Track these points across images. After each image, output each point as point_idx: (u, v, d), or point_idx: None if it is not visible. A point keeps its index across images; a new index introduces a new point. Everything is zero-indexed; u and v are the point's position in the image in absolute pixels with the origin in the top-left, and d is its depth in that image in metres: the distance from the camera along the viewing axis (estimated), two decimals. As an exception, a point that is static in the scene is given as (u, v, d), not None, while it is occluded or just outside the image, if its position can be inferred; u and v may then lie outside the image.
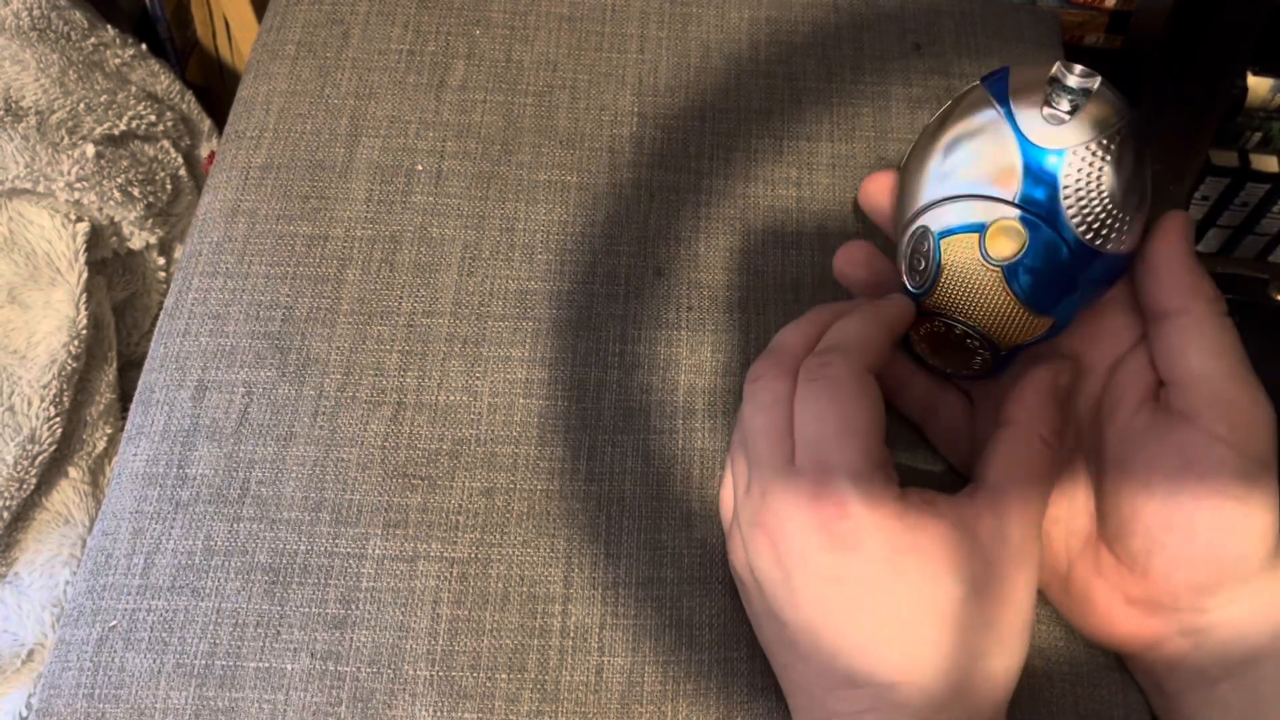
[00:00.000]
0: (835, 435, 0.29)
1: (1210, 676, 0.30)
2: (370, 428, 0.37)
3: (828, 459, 0.29)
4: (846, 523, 0.28)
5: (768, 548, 0.30)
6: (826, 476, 0.28)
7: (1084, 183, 0.29)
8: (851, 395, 0.29)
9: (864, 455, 0.29)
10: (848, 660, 0.28)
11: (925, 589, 0.28)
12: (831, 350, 0.31)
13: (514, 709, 0.33)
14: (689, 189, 0.43)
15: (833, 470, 0.28)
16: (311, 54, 0.46)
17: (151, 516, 0.35)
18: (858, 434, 0.29)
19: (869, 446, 0.29)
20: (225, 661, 0.33)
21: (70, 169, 0.45)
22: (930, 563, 0.28)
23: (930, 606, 0.28)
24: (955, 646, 0.28)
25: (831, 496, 0.28)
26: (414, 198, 0.42)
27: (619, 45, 0.47)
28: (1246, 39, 0.52)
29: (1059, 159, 0.29)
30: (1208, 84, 0.53)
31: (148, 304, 0.51)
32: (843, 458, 0.29)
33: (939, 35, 0.48)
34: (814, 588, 0.29)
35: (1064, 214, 0.29)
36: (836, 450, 0.29)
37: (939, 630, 0.28)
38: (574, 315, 0.40)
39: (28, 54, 0.47)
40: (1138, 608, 0.31)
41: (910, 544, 0.28)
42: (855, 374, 0.30)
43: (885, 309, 0.32)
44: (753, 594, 0.32)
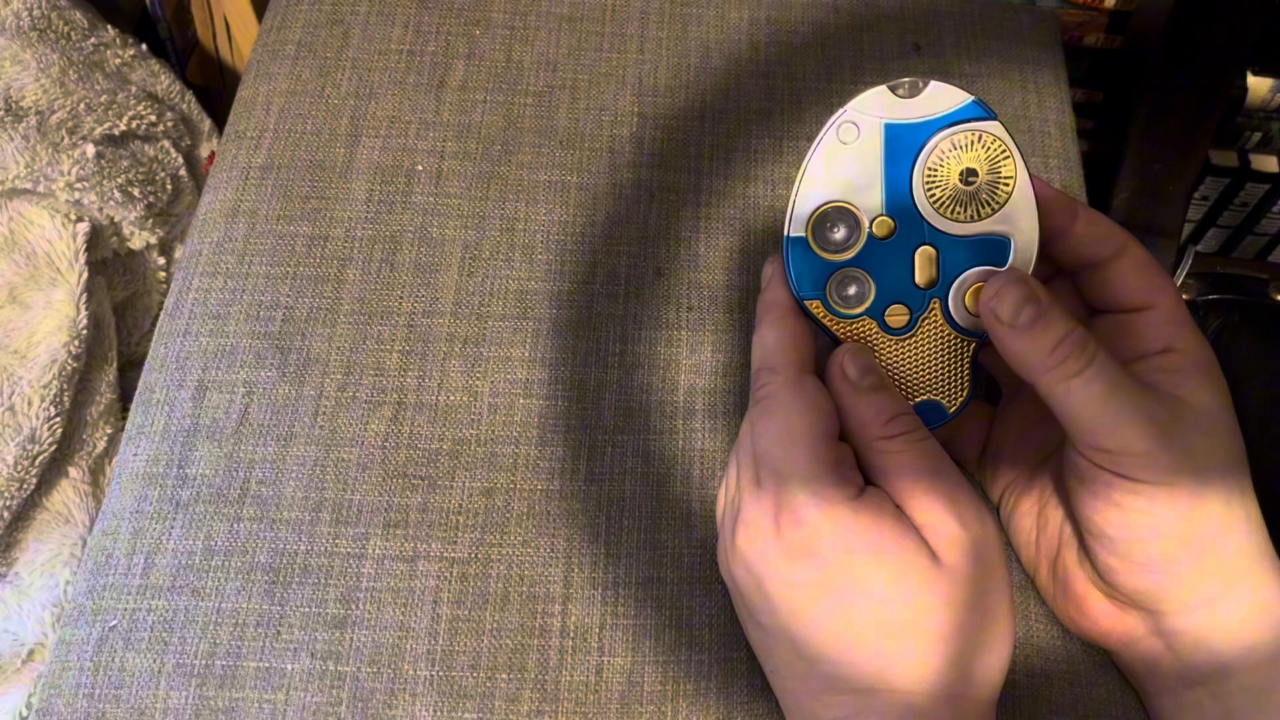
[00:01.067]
0: (780, 448, 0.30)
1: (1185, 680, 0.31)
2: (370, 428, 0.37)
3: (780, 470, 0.30)
4: (802, 529, 0.29)
5: (741, 556, 0.31)
6: (782, 486, 0.29)
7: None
8: (787, 407, 0.30)
9: (812, 460, 0.29)
10: (827, 666, 0.29)
11: (889, 590, 0.28)
12: (760, 371, 0.32)
13: (514, 709, 0.33)
14: (689, 189, 0.43)
15: (785, 479, 0.29)
16: (312, 54, 0.46)
17: (151, 516, 0.35)
18: (799, 441, 0.30)
19: (815, 449, 0.30)
20: (225, 661, 0.33)
21: (70, 169, 0.45)
22: (888, 565, 0.28)
23: (897, 607, 0.28)
24: (931, 646, 0.28)
25: (786, 505, 0.29)
26: (414, 198, 0.42)
27: (619, 45, 0.47)
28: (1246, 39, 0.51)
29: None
30: (1208, 84, 0.53)
31: (148, 304, 0.51)
32: (792, 467, 0.29)
33: (939, 35, 0.48)
34: (783, 594, 0.29)
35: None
36: (785, 461, 0.30)
37: (911, 631, 0.28)
38: (574, 315, 0.40)
39: (28, 54, 0.47)
40: (1113, 602, 0.32)
41: (865, 544, 0.28)
42: (787, 386, 0.31)
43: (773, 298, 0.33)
44: (738, 604, 0.33)
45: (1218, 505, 0.29)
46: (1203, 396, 0.30)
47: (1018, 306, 0.29)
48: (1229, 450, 0.30)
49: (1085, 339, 0.29)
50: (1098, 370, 0.28)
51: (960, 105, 0.31)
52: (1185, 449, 0.28)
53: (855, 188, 0.31)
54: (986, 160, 0.31)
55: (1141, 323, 0.32)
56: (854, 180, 0.31)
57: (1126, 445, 0.28)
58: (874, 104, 0.31)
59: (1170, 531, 0.29)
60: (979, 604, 0.29)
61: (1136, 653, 0.32)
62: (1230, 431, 0.30)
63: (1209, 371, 0.31)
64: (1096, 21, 0.56)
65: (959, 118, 0.31)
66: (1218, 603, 0.29)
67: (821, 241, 0.32)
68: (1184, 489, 0.28)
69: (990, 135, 0.31)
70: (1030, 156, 0.45)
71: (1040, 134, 0.45)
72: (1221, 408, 0.30)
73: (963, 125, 0.31)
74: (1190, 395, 0.30)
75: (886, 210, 0.31)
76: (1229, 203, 0.63)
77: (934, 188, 0.31)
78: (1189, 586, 0.29)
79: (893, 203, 0.31)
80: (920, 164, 0.31)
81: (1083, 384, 0.28)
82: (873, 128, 0.31)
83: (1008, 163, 0.31)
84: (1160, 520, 0.29)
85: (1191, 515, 0.29)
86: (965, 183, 0.31)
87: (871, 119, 0.31)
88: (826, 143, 0.31)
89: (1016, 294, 0.29)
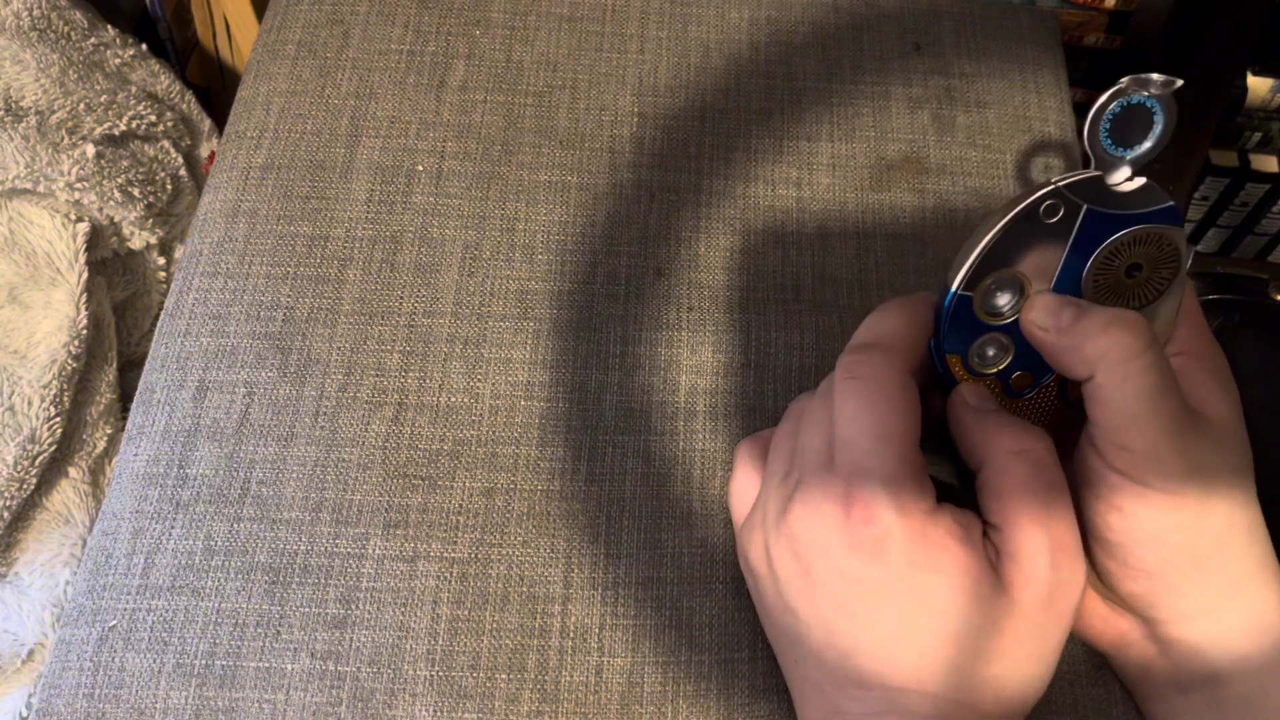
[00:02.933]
0: (872, 439, 0.29)
1: (1177, 686, 0.31)
2: (371, 428, 0.37)
3: (863, 462, 0.28)
4: (874, 529, 0.28)
5: (789, 539, 0.29)
6: (861, 479, 0.28)
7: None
8: (889, 398, 0.29)
9: (900, 462, 0.28)
10: (862, 661, 0.28)
11: (940, 608, 0.28)
12: (872, 347, 0.30)
13: (514, 709, 0.33)
14: (689, 189, 0.43)
15: (867, 474, 0.28)
16: (312, 54, 0.46)
17: (152, 516, 0.35)
18: (895, 439, 0.29)
19: (905, 452, 0.29)
20: (225, 661, 0.33)
21: (70, 169, 0.45)
22: (948, 586, 0.28)
23: (943, 625, 0.28)
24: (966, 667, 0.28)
25: (862, 500, 0.28)
26: (414, 198, 0.42)
27: (619, 45, 0.47)
28: (1246, 39, 0.51)
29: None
30: (1208, 84, 0.53)
31: (148, 304, 0.51)
32: (878, 463, 0.28)
33: (939, 35, 0.48)
34: (832, 585, 0.29)
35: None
36: (873, 455, 0.28)
37: (953, 647, 0.28)
38: (575, 316, 0.40)
39: (28, 54, 0.47)
40: (1106, 605, 0.32)
41: (930, 562, 0.28)
42: (896, 375, 0.29)
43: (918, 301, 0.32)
44: (766, 586, 0.31)
45: (1220, 517, 0.29)
46: (1217, 405, 0.30)
47: (1056, 310, 0.29)
48: (1238, 460, 0.29)
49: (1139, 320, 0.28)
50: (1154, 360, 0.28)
51: (1160, 208, 0.31)
52: (1197, 459, 0.28)
53: (1035, 260, 0.31)
54: (1154, 259, 0.31)
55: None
56: (1037, 253, 0.31)
57: (1148, 447, 0.28)
58: (1082, 186, 0.31)
59: (1171, 540, 0.29)
60: (1032, 645, 0.28)
61: (1129, 657, 0.32)
62: (1240, 440, 0.30)
63: (1221, 377, 0.31)
64: (1096, 21, 0.56)
65: (1155, 219, 0.31)
66: (1214, 612, 0.29)
67: (984, 304, 0.31)
68: (1190, 499, 0.28)
69: (1169, 240, 0.31)
70: (1030, 157, 0.45)
71: (1040, 134, 0.45)
72: (1233, 415, 0.30)
73: (1152, 226, 0.31)
74: (1204, 403, 0.30)
75: (1055, 286, 0.31)
76: (1229, 203, 0.63)
77: (1102, 274, 0.31)
78: (1185, 595, 0.29)
79: (1063, 281, 0.31)
80: (1101, 253, 0.31)
81: (1139, 371, 0.28)
82: (1073, 209, 0.31)
83: (1171, 267, 0.31)
84: (1163, 528, 0.29)
85: (1194, 525, 0.29)
86: (1128, 275, 0.31)
87: (1075, 201, 0.30)
88: (1028, 212, 0.30)
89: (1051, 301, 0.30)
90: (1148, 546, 0.29)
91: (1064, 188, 0.30)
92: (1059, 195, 0.30)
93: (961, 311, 0.31)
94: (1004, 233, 0.30)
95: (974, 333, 0.32)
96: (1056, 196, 0.30)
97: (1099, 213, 0.30)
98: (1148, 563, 0.29)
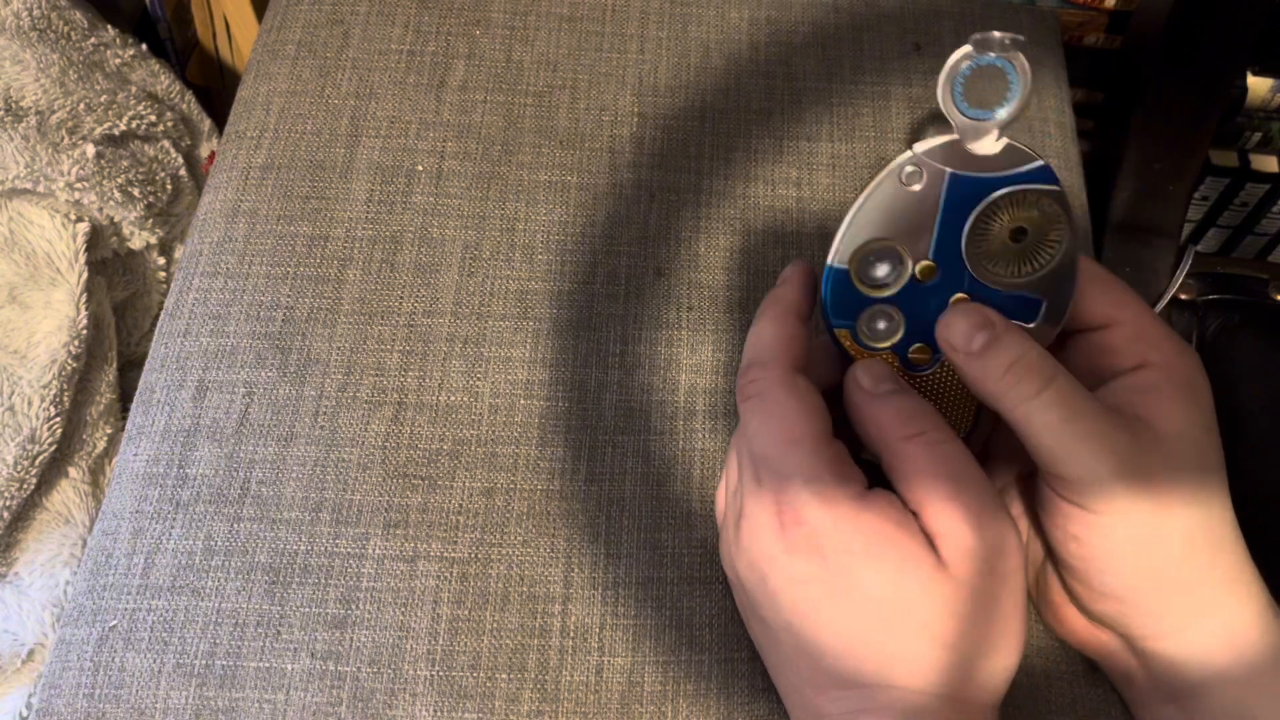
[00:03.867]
0: (778, 449, 0.29)
1: (1160, 696, 0.31)
2: (371, 428, 0.37)
3: (780, 470, 0.29)
4: (804, 527, 0.29)
5: (745, 552, 0.30)
6: (784, 486, 0.29)
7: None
8: (783, 405, 0.30)
9: (812, 458, 0.29)
10: (830, 662, 0.28)
11: (887, 595, 0.28)
12: (751, 366, 0.31)
13: (514, 709, 0.33)
14: (689, 189, 0.43)
15: (787, 479, 0.29)
16: (311, 54, 0.46)
17: (152, 516, 0.35)
18: (798, 441, 0.29)
19: (815, 448, 0.29)
20: (225, 661, 0.33)
21: (70, 169, 0.45)
22: (889, 571, 0.28)
23: (894, 613, 0.28)
24: (927, 654, 0.28)
25: (789, 504, 0.29)
26: (414, 198, 0.42)
27: (619, 45, 0.47)
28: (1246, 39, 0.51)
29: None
30: (1208, 84, 0.53)
31: (148, 304, 0.51)
32: (792, 466, 0.29)
33: (939, 35, 0.48)
34: (787, 591, 0.29)
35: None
36: (784, 461, 0.29)
37: (908, 635, 0.28)
38: (574, 315, 0.40)
39: (28, 54, 0.47)
40: (1086, 618, 0.32)
41: (865, 548, 0.28)
42: (779, 383, 0.30)
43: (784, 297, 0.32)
44: (740, 598, 0.33)
45: (1178, 533, 0.28)
46: (1173, 417, 0.29)
47: (970, 333, 0.29)
48: (1196, 475, 0.29)
49: (1041, 361, 0.28)
50: (1055, 394, 0.28)
51: (1029, 168, 0.30)
52: (1145, 478, 0.28)
53: (907, 229, 0.31)
54: (1039, 222, 0.31)
55: (1109, 339, 0.31)
56: (908, 222, 0.31)
57: (1082, 475, 0.28)
58: (942, 152, 0.30)
59: (1129, 561, 0.29)
60: (985, 612, 0.28)
61: (1113, 666, 0.33)
62: (1199, 453, 0.29)
63: (1185, 387, 0.30)
64: (1096, 21, 0.56)
65: (1025, 180, 0.30)
66: (1187, 627, 0.29)
67: (863, 275, 0.31)
68: (1141, 521, 0.28)
69: (1049, 199, 0.30)
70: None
71: (1040, 134, 0.45)
72: (1192, 427, 0.29)
73: (1024, 186, 0.30)
74: (1159, 417, 0.29)
75: (933, 255, 0.31)
76: (1229, 203, 0.63)
77: (983, 240, 0.31)
78: (1154, 613, 0.29)
79: (941, 249, 0.31)
80: (975, 217, 0.31)
81: (1040, 408, 0.28)
82: (936, 175, 0.30)
83: (1059, 229, 0.31)
84: (1117, 550, 0.29)
85: (1150, 544, 0.28)
86: (1014, 240, 0.31)
87: (937, 167, 0.30)
88: (887, 181, 0.31)
89: (968, 321, 0.30)
90: (1108, 571, 0.29)
91: (923, 154, 0.30)
92: (917, 162, 0.30)
93: (840, 285, 0.31)
94: (871, 203, 0.31)
95: (858, 306, 0.32)
96: (915, 164, 0.30)
97: (963, 177, 0.30)
98: (1110, 585, 0.29)
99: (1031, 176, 0.30)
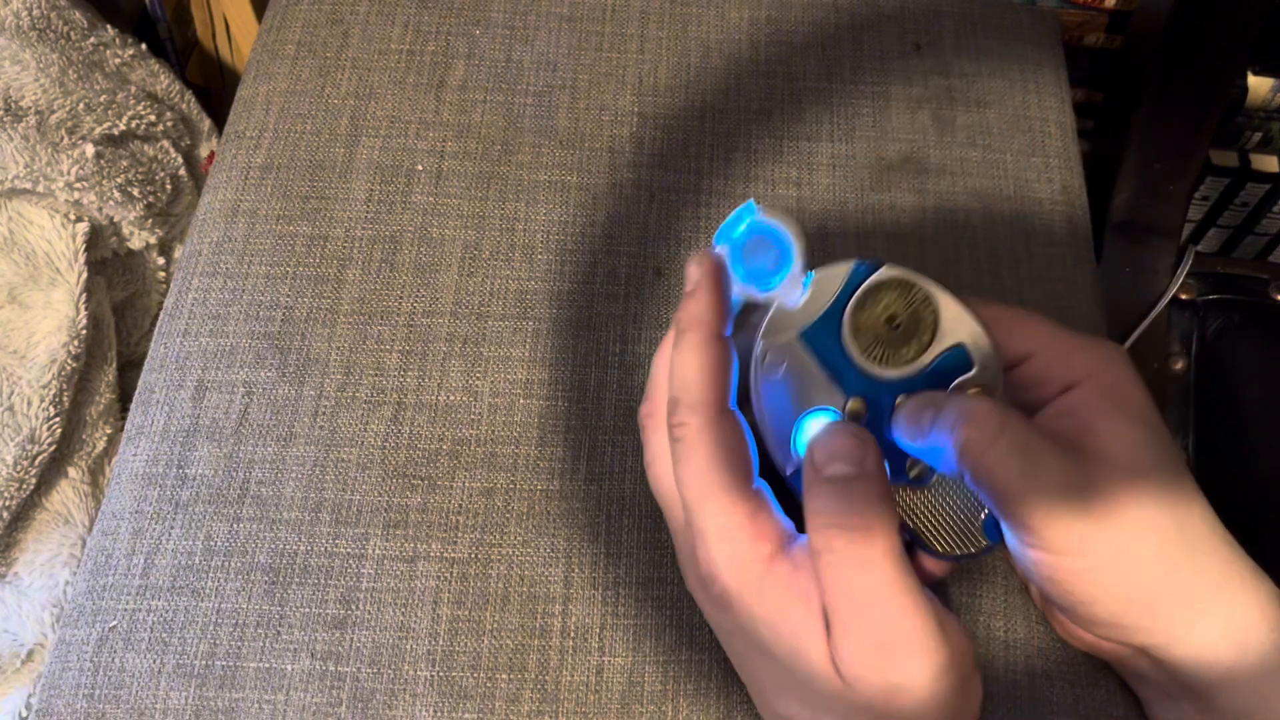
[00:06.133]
0: (698, 499, 0.29)
1: (1176, 692, 0.31)
2: (370, 428, 0.37)
3: (698, 523, 0.29)
4: (716, 586, 0.29)
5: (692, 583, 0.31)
6: (701, 539, 0.29)
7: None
8: (704, 455, 0.29)
9: (726, 517, 0.28)
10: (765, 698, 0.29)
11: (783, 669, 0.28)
12: (677, 406, 0.30)
13: (514, 709, 0.33)
14: (689, 189, 0.43)
15: (704, 533, 0.29)
16: (311, 54, 0.46)
17: (151, 517, 0.35)
18: (714, 495, 0.28)
19: (731, 503, 0.28)
20: (225, 662, 0.33)
21: (70, 169, 0.45)
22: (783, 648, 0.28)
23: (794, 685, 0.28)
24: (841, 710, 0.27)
25: (704, 558, 0.29)
26: (414, 198, 0.42)
27: (619, 45, 0.47)
28: (1246, 39, 0.51)
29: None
30: (1208, 84, 0.53)
31: (148, 304, 0.51)
32: (707, 521, 0.29)
33: (939, 35, 0.48)
34: (718, 633, 0.31)
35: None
36: (702, 515, 0.29)
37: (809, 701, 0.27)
38: (574, 315, 0.40)
39: (28, 54, 0.47)
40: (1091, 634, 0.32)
41: (762, 619, 0.28)
42: (704, 429, 0.29)
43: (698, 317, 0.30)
44: None
45: (1152, 549, 0.28)
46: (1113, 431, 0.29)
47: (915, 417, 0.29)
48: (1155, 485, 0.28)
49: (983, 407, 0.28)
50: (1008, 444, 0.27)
51: (847, 277, 0.31)
52: (1104, 504, 0.27)
53: (813, 397, 0.31)
54: (898, 302, 0.31)
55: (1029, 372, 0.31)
56: (806, 392, 0.31)
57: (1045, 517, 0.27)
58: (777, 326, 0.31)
59: (1111, 592, 0.28)
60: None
61: (1126, 667, 0.33)
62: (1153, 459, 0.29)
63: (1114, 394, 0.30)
64: (1096, 21, 0.56)
65: (851, 287, 0.31)
66: (1188, 635, 0.29)
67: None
68: (1111, 552, 0.28)
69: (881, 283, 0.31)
70: (1030, 156, 0.45)
71: (1040, 134, 0.45)
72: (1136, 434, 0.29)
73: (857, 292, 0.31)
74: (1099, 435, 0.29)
75: (848, 394, 0.31)
76: (1229, 203, 0.63)
77: (871, 351, 0.31)
78: (1151, 630, 0.29)
79: (851, 386, 0.31)
80: (847, 343, 0.31)
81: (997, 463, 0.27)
82: (794, 347, 0.31)
83: (915, 291, 0.31)
84: (1097, 584, 0.28)
85: (1129, 572, 0.28)
86: (893, 328, 0.31)
87: (786, 343, 0.31)
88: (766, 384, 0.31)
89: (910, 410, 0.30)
90: (1097, 602, 0.29)
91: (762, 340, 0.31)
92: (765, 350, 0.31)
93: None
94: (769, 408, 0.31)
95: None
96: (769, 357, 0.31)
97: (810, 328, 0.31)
98: (1100, 615, 0.29)
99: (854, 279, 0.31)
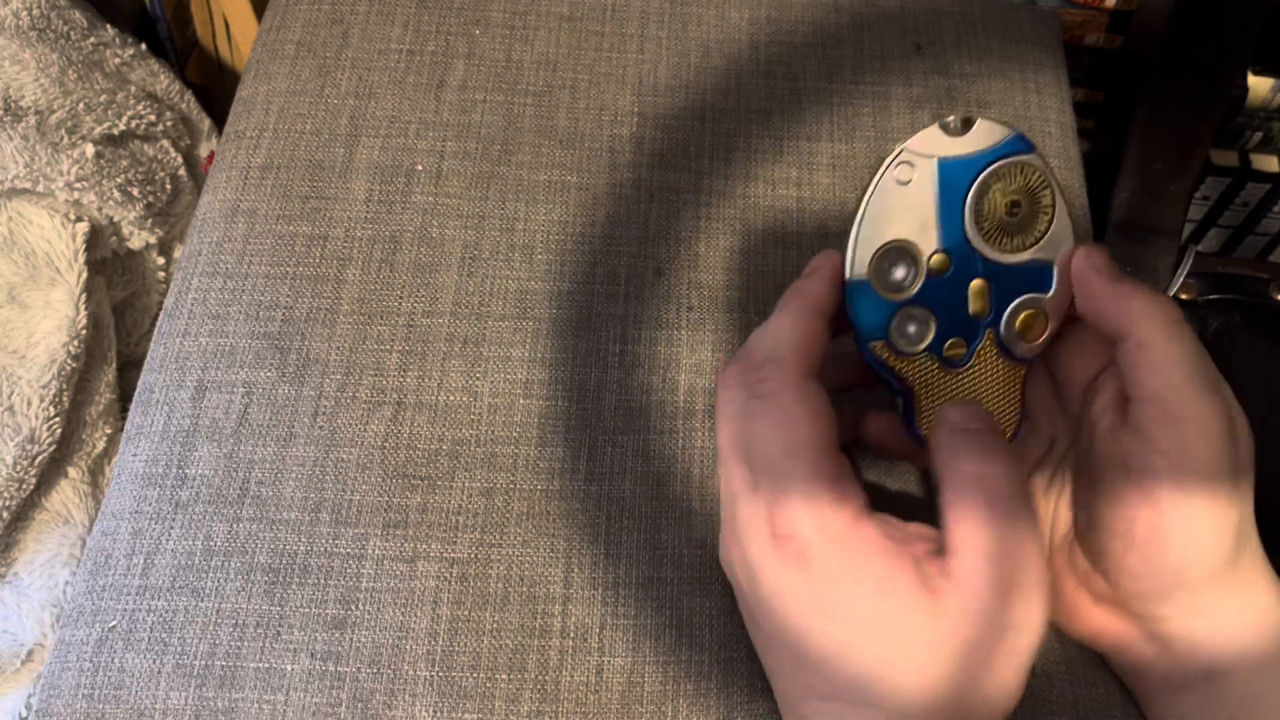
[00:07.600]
0: (781, 455, 0.29)
1: (1176, 685, 0.31)
2: (370, 428, 0.37)
3: (778, 479, 0.29)
4: (795, 543, 0.28)
5: (739, 554, 0.30)
6: (779, 497, 0.29)
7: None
8: (792, 411, 0.29)
9: (813, 471, 0.28)
10: (813, 674, 0.28)
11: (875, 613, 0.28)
12: (767, 362, 0.30)
13: (514, 709, 0.33)
14: (689, 189, 0.43)
15: (784, 490, 0.29)
16: (311, 54, 0.46)
17: (151, 517, 0.35)
18: (801, 451, 0.29)
19: (817, 461, 0.29)
20: (225, 662, 0.33)
21: (70, 169, 0.45)
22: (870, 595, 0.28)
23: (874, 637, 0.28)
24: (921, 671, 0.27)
25: (782, 514, 0.28)
26: (414, 198, 0.42)
27: (619, 45, 0.47)
28: (1246, 39, 0.51)
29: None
30: (1208, 84, 0.53)
31: (147, 304, 0.51)
32: (791, 477, 0.29)
33: (939, 35, 0.48)
34: (776, 601, 0.29)
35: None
36: (784, 470, 0.29)
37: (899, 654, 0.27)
38: (574, 315, 0.40)
39: (27, 54, 0.47)
40: (1104, 607, 0.32)
41: (853, 572, 0.28)
42: (793, 386, 0.29)
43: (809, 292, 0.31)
44: (738, 599, 0.32)
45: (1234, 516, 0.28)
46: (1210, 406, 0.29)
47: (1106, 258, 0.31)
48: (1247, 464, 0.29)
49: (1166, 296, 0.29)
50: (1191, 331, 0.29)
51: (1005, 140, 0.31)
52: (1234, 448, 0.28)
53: (912, 225, 0.31)
54: (1028, 191, 0.32)
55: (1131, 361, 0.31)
56: (910, 218, 0.31)
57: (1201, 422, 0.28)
58: (927, 142, 0.31)
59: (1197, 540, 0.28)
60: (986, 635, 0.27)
61: (1127, 659, 0.32)
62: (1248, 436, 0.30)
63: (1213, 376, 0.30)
64: (1097, 21, 0.56)
65: (1005, 152, 0.31)
66: (1214, 609, 0.29)
67: (883, 282, 0.32)
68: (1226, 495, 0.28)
69: (1031, 166, 0.32)
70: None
71: (1040, 134, 0.45)
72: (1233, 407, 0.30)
73: (1007, 159, 0.31)
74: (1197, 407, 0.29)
75: (941, 245, 0.31)
76: (1229, 203, 0.63)
77: (983, 220, 0.32)
78: (1198, 593, 0.29)
79: (947, 238, 0.31)
80: (971, 198, 0.31)
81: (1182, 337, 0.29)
82: (927, 166, 0.31)
83: (1046, 192, 0.32)
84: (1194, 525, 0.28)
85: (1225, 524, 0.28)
86: (1010, 214, 0.32)
87: (925, 158, 0.31)
88: (884, 183, 0.31)
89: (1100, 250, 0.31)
90: (1178, 546, 0.29)
91: (908, 145, 0.31)
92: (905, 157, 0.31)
93: (865, 298, 0.32)
94: (874, 207, 0.31)
95: (887, 314, 0.32)
96: (906, 158, 0.31)
97: (952, 161, 0.31)
98: (1172, 561, 0.29)
99: (1009, 147, 0.32)
